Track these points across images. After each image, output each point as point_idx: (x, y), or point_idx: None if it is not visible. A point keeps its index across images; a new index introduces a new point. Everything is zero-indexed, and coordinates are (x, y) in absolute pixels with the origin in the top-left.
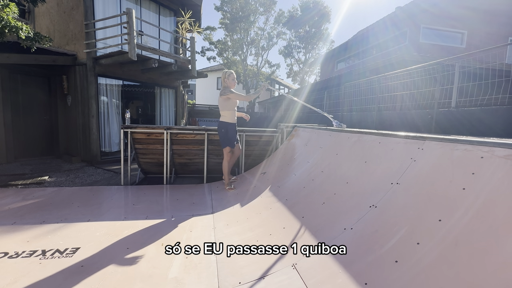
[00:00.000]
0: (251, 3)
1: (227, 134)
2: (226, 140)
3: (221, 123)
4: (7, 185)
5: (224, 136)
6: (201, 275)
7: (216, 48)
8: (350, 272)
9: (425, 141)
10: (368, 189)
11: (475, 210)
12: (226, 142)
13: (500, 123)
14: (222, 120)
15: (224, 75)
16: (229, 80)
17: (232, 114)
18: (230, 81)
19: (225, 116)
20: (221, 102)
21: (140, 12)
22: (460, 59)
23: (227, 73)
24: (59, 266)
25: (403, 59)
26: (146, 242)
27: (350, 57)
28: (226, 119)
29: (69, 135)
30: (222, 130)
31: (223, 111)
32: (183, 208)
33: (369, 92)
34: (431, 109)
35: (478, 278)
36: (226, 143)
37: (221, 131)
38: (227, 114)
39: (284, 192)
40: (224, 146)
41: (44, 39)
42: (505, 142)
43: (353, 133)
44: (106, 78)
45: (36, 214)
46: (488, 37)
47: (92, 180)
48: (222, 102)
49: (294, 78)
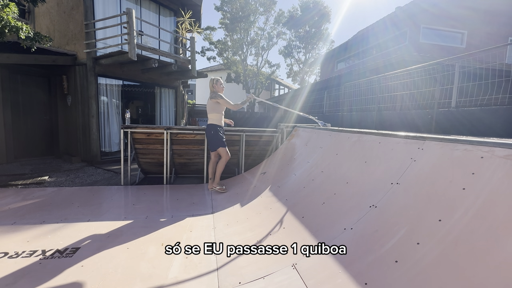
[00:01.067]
0: (251, 3)
1: (217, 135)
2: (217, 141)
3: (210, 125)
4: (7, 185)
5: (215, 138)
6: (201, 275)
7: (216, 48)
8: (350, 272)
9: (425, 141)
10: (368, 189)
11: (475, 210)
12: (218, 143)
13: (500, 123)
14: (210, 122)
15: (212, 82)
16: (218, 86)
17: (220, 118)
18: (219, 86)
19: (213, 119)
20: (211, 105)
21: (140, 12)
22: (460, 59)
23: (214, 79)
24: (59, 266)
25: (403, 59)
26: (146, 242)
27: (350, 57)
28: (214, 122)
29: (69, 135)
30: (212, 132)
31: (212, 113)
32: (183, 208)
33: (369, 92)
34: (431, 109)
35: (478, 278)
36: (219, 144)
37: (210, 133)
38: (215, 117)
39: (284, 192)
40: (216, 148)
41: (44, 39)
42: (505, 142)
43: (353, 133)
44: (106, 78)
45: (36, 214)
46: (488, 37)
47: (92, 180)
48: (212, 105)
49: (294, 78)
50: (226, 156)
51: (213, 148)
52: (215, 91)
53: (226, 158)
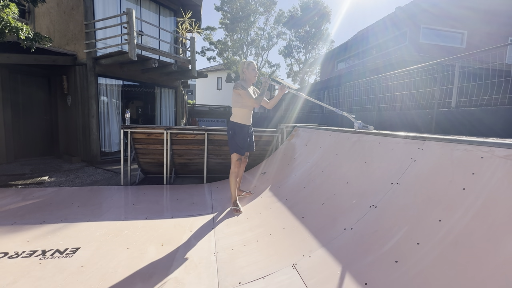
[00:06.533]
0: (251, 3)
1: (234, 138)
2: (232, 145)
3: (230, 123)
4: (7, 185)
5: (231, 140)
6: (201, 275)
7: (216, 48)
8: (350, 272)
9: (425, 141)
10: (368, 189)
11: (475, 210)
12: (232, 147)
13: (500, 123)
14: (231, 119)
15: (242, 66)
16: (249, 71)
17: (244, 114)
18: (250, 71)
19: (234, 115)
20: (233, 97)
21: (140, 12)
22: (460, 59)
23: (246, 62)
24: (59, 266)
25: (403, 59)
26: (146, 242)
27: (350, 57)
28: (235, 119)
29: (69, 135)
30: (230, 132)
31: (234, 108)
32: (183, 208)
33: (369, 92)
34: (431, 109)
35: (478, 278)
36: (233, 149)
37: (228, 133)
38: (238, 113)
39: (284, 192)
40: (231, 152)
41: (44, 39)
42: (505, 142)
43: (353, 133)
44: (106, 78)
45: (36, 214)
46: (488, 37)
47: (92, 180)
48: (234, 97)
49: (294, 78)
50: (233, 166)
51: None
52: (244, 78)
53: (232, 168)
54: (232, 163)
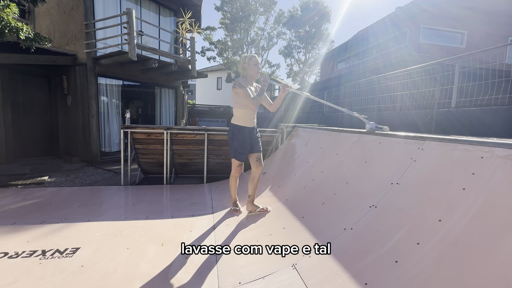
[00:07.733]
0: (251, 3)
1: (232, 142)
2: (231, 149)
3: (230, 125)
4: (7, 185)
5: (230, 144)
6: (201, 275)
7: (216, 48)
8: (350, 272)
9: (425, 141)
10: (368, 189)
11: (475, 210)
12: (231, 151)
13: (500, 123)
14: (231, 121)
15: (243, 61)
16: (250, 66)
17: (244, 114)
18: (252, 67)
19: (235, 117)
20: (232, 97)
21: (140, 12)
22: (460, 59)
23: (248, 56)
24: (59, 266)
25: (403, 59)
26: (146, 242)
27: (350, 57)
28: (235, 121)
29: (69, 135)
30: (230, 135)
31: (234, 108)
32: (183, 208)
33: (369, 92)
34: (431, 109)
35: (478, 278)
36: (231, 154)
37: (228, 136)
38: (238, 114)
39: (284, 192)
40: (230, 156)
41: (44, 39)
42: (505, 142)
43: (353, 133)
44: (106, 78)
45: (36, 214)
46: (488, 37)
47: (92, 180)
48: (233, 97)
49: (294, 78)
50: (233, 170)
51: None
52: (245, 74)
53: (233, 173)
54: (232, 167)
